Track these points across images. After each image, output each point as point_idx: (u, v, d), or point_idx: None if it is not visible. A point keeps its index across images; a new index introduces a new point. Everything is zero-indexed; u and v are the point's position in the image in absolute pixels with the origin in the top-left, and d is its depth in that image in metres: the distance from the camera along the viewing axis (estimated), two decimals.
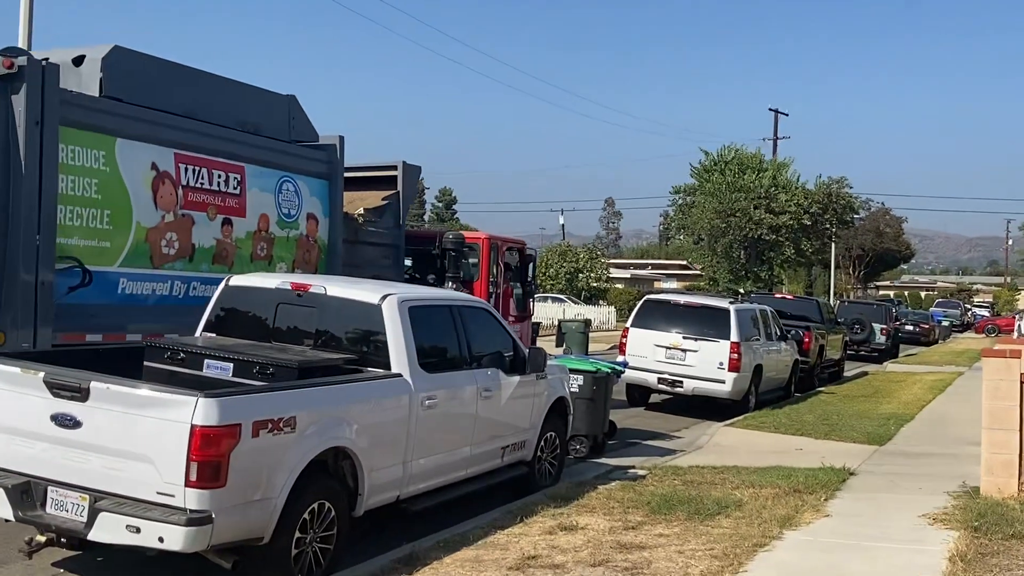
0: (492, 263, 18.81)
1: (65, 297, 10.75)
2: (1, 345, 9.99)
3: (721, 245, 55.52)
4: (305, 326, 9.09)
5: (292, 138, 14.52)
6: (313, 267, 14.54)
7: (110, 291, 11.36)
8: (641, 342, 19.46)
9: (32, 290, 10.31)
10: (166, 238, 12.01)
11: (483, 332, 10.23)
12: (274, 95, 14.50)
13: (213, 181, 12.70)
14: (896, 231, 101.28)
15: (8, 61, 10.20)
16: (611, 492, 10.90)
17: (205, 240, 12.59)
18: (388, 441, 8.36)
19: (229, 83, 13.69)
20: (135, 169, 11.57)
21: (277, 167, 13.92)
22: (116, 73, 11.62)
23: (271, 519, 7.06)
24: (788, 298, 31.93)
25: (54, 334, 10.53)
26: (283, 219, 14.02)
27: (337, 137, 15.31)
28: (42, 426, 7.02)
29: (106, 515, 6.71)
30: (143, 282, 11.77)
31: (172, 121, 12.18)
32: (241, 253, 13.18)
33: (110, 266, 11.34)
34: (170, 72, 12.62)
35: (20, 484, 7.07)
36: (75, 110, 10.88)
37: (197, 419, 6.51)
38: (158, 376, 8.29)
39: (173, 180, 12.07)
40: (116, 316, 11.35)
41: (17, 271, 10.22)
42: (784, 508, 10.21)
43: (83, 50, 11.69)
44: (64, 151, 10.72)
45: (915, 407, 21.41)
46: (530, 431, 10.88)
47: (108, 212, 11.27)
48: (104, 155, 11.23)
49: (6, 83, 10.26)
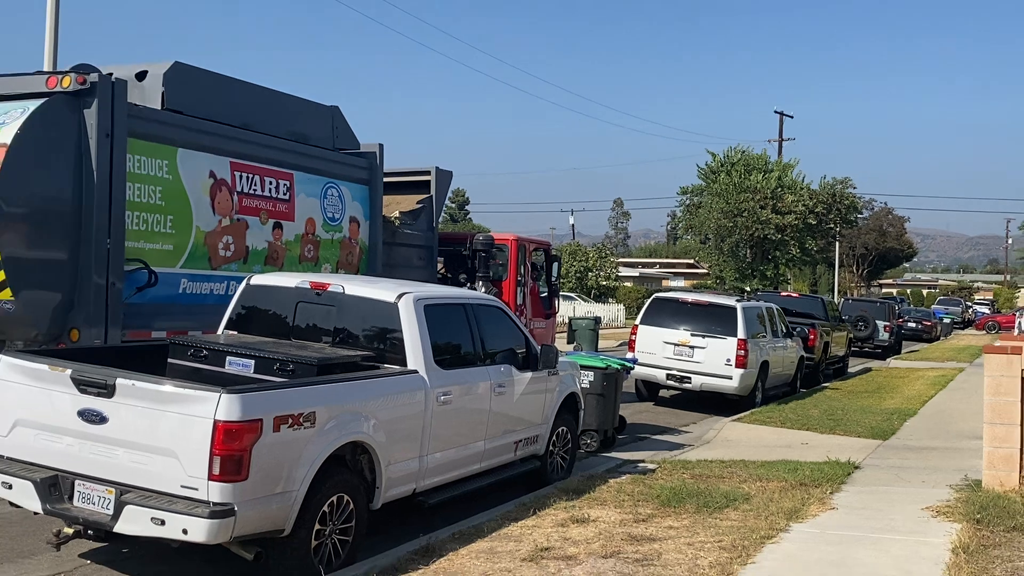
0: (520, 263, 19.40)
1: (132, 297, 11.30)
2: (75, 342, 10.52)
3: (728, 244, 55.65)
4: (324, 324, 9.28)
5: (336, 146, 15.21)
6: (355, 268, 15.12)
7: (172, 291, 11.93)
8: (650, 339, 19.67)
9: (103, 291, 10.89)
10: (223, 241, 12.59)
11: (496, 329, 10.42)
12: (319, 106, 15.15)
13: (265, 187, 13.31)
14: (898, 230, 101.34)
15: (81, 77, 10.72)
16: (622, 485, 11.08)
17: (258, 243, 13.19)
18: (405, 435, 8.54)
19: (278, 95, 14.34)
20: (195, 177, 12.15)
21: (322, 174, 14.55)
22: (176, 87, 12.28)
23: (291, 511, 7.22)
24: (794, 296, 32.05)
25: (122, 332, 11.05)
26: (328, 223, 14.60)
27: (377, 145, 15.95)
28: (69, 421, 7.20)
29: (132, 508, 6.87)
30: (202, 282, 12.34)
31: (228, 132, 12.83)
32: (290, 255, 13.77)
33: (172, 267, 11.93)
34: (225, 86, 13.27)
35: (48, 478, 7.25)
36: (141, 123, 11.44)
37: (220, 414, 6.68)
38: (181, 373, 8.47)
39: (229, 187, 12.67)
40: (178, 314, 11.87)
41: (90, 273, 10.79)
42: (791, 501, 10.38)
43: (145, 66, 12.31)
44: (131, 161, 11.27)
45: (918, 402, 21.58)
46: (542, 426, 11.07)
47: (171, 217, 11.85)
48: (167, 164, 11.81)
49: (79, 98, 10.79)
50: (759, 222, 52.78)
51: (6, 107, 10.63)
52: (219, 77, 13.23)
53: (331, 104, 15.37)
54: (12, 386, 7.54)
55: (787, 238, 54.38)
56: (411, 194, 17.86)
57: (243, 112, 13.30)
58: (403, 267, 16.52)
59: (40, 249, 10.46)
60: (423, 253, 17.62)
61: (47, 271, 10.52)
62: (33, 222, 10.38)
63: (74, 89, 10.70)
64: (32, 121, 10.35)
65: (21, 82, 11.05)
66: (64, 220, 10.66)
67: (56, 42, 18.08)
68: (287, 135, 14.03)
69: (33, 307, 10.38)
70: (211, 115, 12.66)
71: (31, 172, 10.33)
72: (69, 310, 10.72)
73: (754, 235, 53.70)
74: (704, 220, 56.06)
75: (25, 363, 7.58)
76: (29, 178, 10.31)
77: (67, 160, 10.69)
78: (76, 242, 10.74)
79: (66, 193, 10.66)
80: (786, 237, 54.32)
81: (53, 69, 16.69)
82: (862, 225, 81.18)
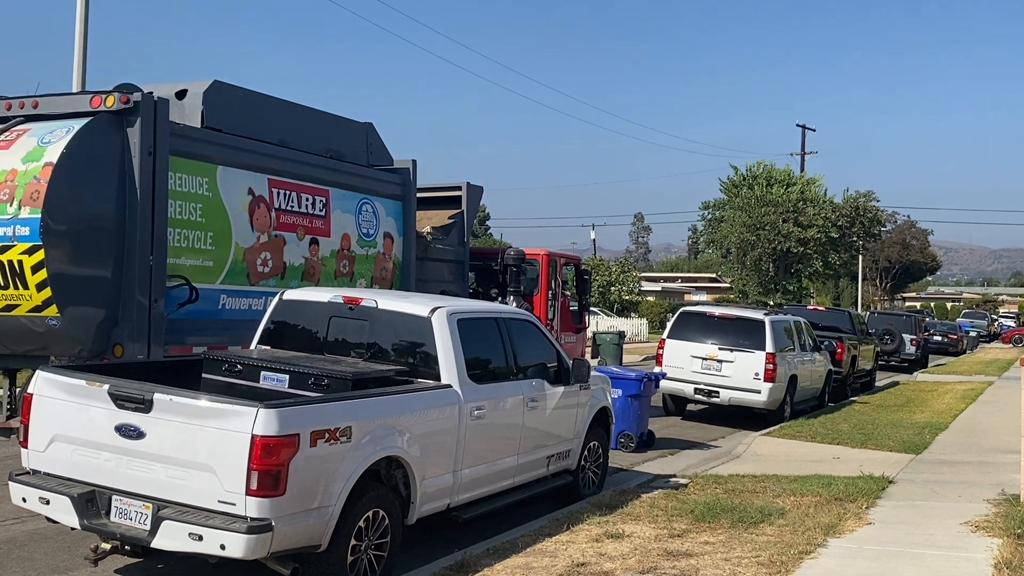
0: (551, 278, 19.53)
1: (175, 312, 11.37)
2: (119, 357, 10.57)
3: (750, 258, 55.64)
4: (357, 338, 9.27)
5: (370, 163, 15.33)
6: (389, 283, 15.23)
7: (213, 306, 12.00)
8: (678, 353, 19.59)
9: (146, 307, 10.95)
10: (261, 257, 12.69)
11: (528, 343, 10.37)
12: (354, 123, 15.30)
13: (302, 204, 13.42)
14: (922, 243, 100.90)
15: (124, 97, 10.82)
16: (654, 500, 11.01)
17: (295, 259, 13.29)
18: (439, 450, 8.51)
19: (314, 113, 14.46)
20: (234, 194, 12.28)
21: (357, 190, 14.68)
22: (216, 105, 12.42)
23: (328, 527, 7.19)
24: (820, 309, 31.92)
25: (165, 347, 11.12)
26: (363, 238, 14.70)
27: (410, 161, 16.10)
28: (107, 437, 7.19)
29: (169, 523, 6.86)
30: (241, 298, 12.43)
31: (266, 149, 12.97)
32: (326, 270, 13.86)
33: (212, 283, 12.01)
34: (263, 104, 13.39)
35: (85, 493, 7.24)
36: (182, 141, 11.54)
37: (258, 429, 6.66)
38: (216, 388, 8.45)
39: (267, 203, 12.77)
40: (217, 330, 11.92)
41: (133, 289, 10.87)
42: (827, 516, 10.29)
43: (185, 85, 12.45)
44: (173, 178, 11.37)
45: (948, 416, 21.40)
46: (574, 440, 11.02)
47: (211, 234, 11.96)
48: (207, 181, 11.93)
49: (122, 117, 10.89)
50: (781, 235, 52.68)
51: (52, 126, 10.72)
52: (256, 95, 13.32)
53: (365, 121, 15.49)
54: (50, 401, 7.54)
55: (810, 251, 54.27)
56: (442, 209, 17.96)
57: (280, 129, 13.41)
58: (435, 282, 16.63)
59: (85, 266, 10.51)
60: (455, 268, 17.71)
61: (92, 288, 10.57)
62: (78, 239, 10.42)
63: (118, 108, 10.78)
64: (77, 140, 10.42)
65: (66, 101, 11.15)
66: (108, 237, 10.72)
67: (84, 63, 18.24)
68: (323, 152, 14.13)
69: (78, 323, 10.42)
70: (249, 133, 12.77)
71: (76, 190, 10.39)
72: (113, 326, 10.77)
73: (776, 248, 53.62)
74: (726, 234, 56.09)
75: (63, 378, 7.58)
76: (74, 196, 10.36)
77: (111, 178, 10.76)
78: (120, 259, 10.81)
79: (110, 210, 10.73)
80: (809, 250, 54.23)
81: (82, 89, 16.84)
82: (885, 238, 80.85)
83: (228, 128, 12.45)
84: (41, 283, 10.04)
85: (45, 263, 10.00)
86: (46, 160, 10.24)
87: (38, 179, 10.11)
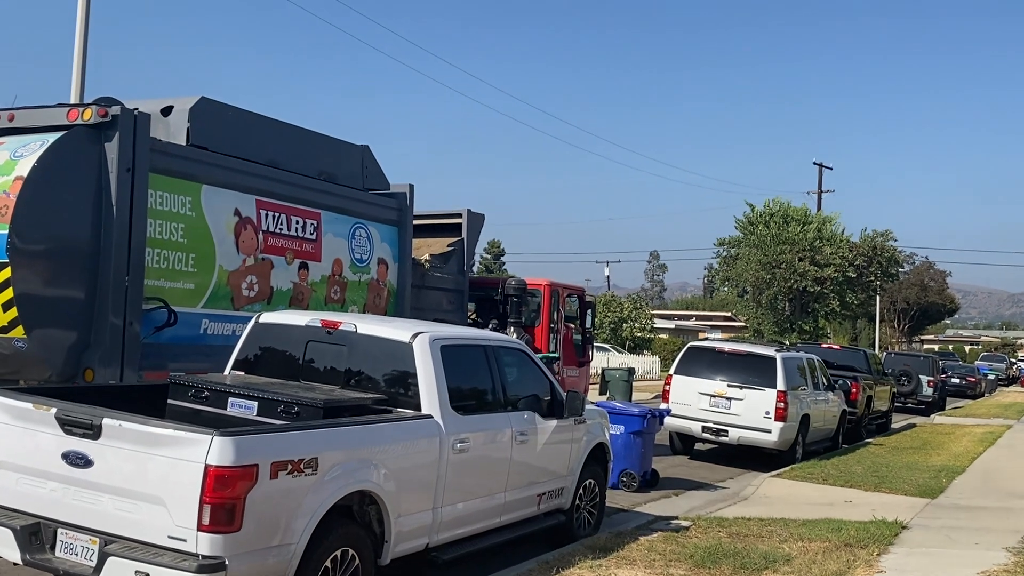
0: (553, 309, 19.14)
1: (151, 336, 10.92)
2: (89, 382, 10.11)
3: (766, 297, 55.17)
4: (335, 364, 8.76)
5: (365, 186, 14.92)
6: (383, 310, 14.77)
7: (193, 331, 11.56)
8: (685, 390, 18.96)
9: (120, 330, 10.52)
10: (247, 281, 12.24)
11: (519, 373, 9.84)
12: (349, 145, 14.90)
13: (291, 227, 12.99)
14: (940, 285, 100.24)
15: (103, 110, 10.45)
16: (653, 543, 10.42)
17: (283, 283, 12.84)
18: (417, 485, 7.95)
19: (307, 133, 14.06)
20: (219, 214, 11.84)
21: (351, 214, 14.25)
22: (202, 123, 11.99)
23: (290, 566, 6.69)
24: (835, 348, 31.28)
25: (139, 372, 10.68)
26: (356, 264, 14.27)
27: (407, 185, 15.68)
28: (53, 464, 6.72)
29: (115, 560, 6.39)
30: (224, 323, 11.94)
31: (254, 169, 12.53)
32: (316, 296, 13.41)
33: (194, 307, 11.58)
34: (252, 122, 12.99)
35: (29, 525, 6.77)
36: (164, 158, 11.15)
37: (211, 459, 6.17)
38: (181, 415, 7.98)
39: (254, 225, 12.34)
40: (199, 355, 11.40)
41: (106, 312, 10.44)
42: (835, 563, 9.71)
43: (171, 101, 12.07)
44: (153, 196, 10.97)
45: (966, 459, 20.74)
46: (568, 478, 10.42)
47: (193, 255, 11.52)
48: (190, 201, 11.51)
49: (100, 131, 10.51)
50: (797, 274, 52.22)
51: (26, 139, 10.33)
52: (246, 113, 12.93)
53: (361, 143, 15.08)
54: None
55: (826, 291, 53.76)
56: (442, 237, 17.58)
57: (271, 149, 13.00)
58: (432, 310, 16.16)
59: (55, 286, 10.09)
60: (453, 297, 17.28)
61: (62, 309, 10.13)
62: (48, 258, 10.01)
63: (95, 122, 10.38)
64: (50, 154, 10.02)
65: (42, 115, 10.73)
66: (81, 255, 10.29)
67: (83, 77, 17.94)
68: (315, 174, 13.72)
69: (47, 346, 9.99)
70: (238, 152, 12.34)
71: (47, 205, 9.97)
72: (84, 349, 10.32)
73: (792, 287, 53.12)
74: (742, 272, 55.62)
75: (9, 401, 7.10)
76: (46, 212, 9.96)
77: (86, 194, 10.34)
78: (93, 279, 10.38)
79: (84, 227, 10.30)
80: (825, 290, 53.73)
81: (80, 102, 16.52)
82: (903, 279, 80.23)
83: (216, 147, 12.01)
84: (7, 303, 9.63)
85: (11, 282, 9.58)
86: (16, 174, 9.84)
87: (7, 193, 9.72)
